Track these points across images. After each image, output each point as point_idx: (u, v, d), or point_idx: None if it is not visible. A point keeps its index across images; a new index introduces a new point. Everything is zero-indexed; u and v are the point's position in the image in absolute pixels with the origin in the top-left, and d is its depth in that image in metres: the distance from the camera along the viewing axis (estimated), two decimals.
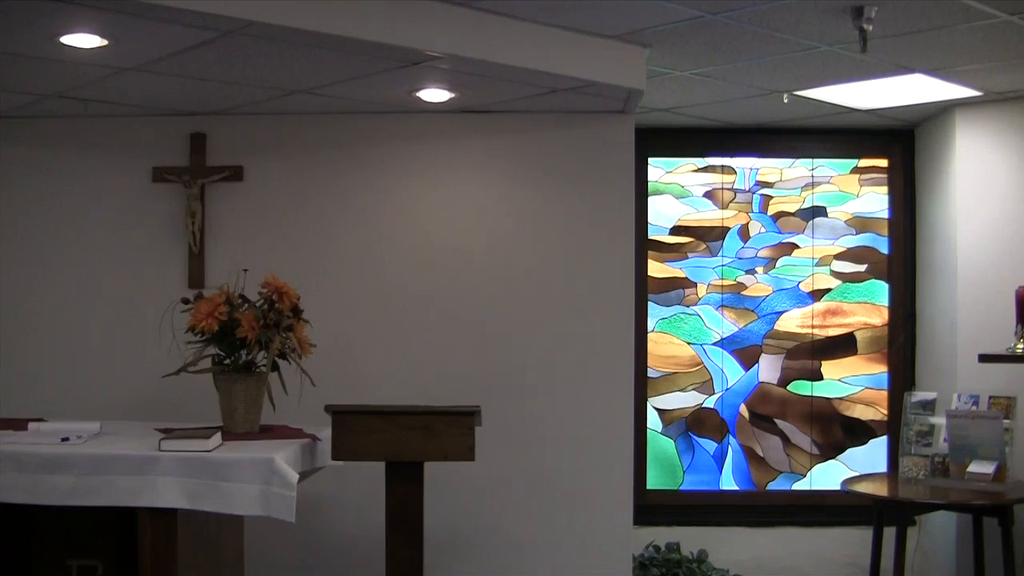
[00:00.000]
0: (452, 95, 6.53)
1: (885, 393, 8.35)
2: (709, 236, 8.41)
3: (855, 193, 8.41)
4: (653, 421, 8.35)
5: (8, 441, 5.26)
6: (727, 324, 8.38)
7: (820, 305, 8.40)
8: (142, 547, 4.92)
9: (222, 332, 5.54)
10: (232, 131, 7.05)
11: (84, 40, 5.29)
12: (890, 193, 8.38)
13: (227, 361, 5.63)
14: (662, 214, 8.40)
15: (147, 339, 5.95)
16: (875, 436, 8.37)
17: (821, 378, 8.38)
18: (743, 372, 8.37)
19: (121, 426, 5.79)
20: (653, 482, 8.33)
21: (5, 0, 4.66)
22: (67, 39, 5.27)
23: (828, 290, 8.39)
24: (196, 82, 6.21)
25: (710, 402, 8.38)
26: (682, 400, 8.40)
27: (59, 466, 5.00)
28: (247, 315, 5.52)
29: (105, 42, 5.34)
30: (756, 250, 8.40)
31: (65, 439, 5.27)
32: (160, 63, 5.76)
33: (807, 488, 8.37)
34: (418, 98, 6.56)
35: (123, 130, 7.09)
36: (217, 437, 5.20)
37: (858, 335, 8.39)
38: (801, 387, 8.38)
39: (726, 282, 8.39)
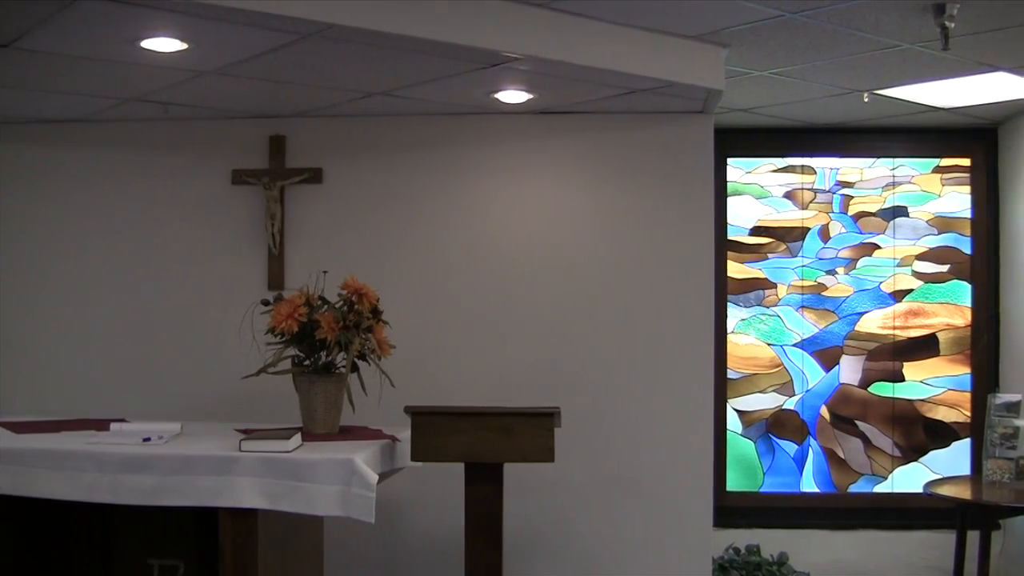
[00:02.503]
0: (530, 96, 6.52)
1: (968, 395, 8.26)
2: (789, 237, 8.35)
3: (937, 193, 8.32)
4: (733, 422, 8.31)
5: (91, 441, 5.31)
6: (807, 325, 8.32)
7: (902, 306, 8.32)
8: (222, 547, 4.95)
9: (302, 333, 5.56)
10: (311, 133, 7.08)
11: (165, 44, 5.33)
12: (972, 193, 8.29)
13: (307, 362, 5.65)
14: (741, 215, 8.36)
15: (227, 340, 5.97)
16: (958, 438, 8.28)
17: (903, 379, 8.30)
18: (823, 373, 8.31)
19: (202, 427, 5.82)
20: (733, 484, 8.29)
21: (87, 5, 4.71)
22: (148, 43, 5.31)
23: (910, 291, 8.31)
24: (275, 85, 6.24)
25: (790, 403, 8.32)
26: (762, 401, 8.35)
27: (141, 466, 5.04)
28: (327, 316, 5.53)
29: (186, 46, 5.38)
30: (837, 251, 8.33)
31: (147, 439, 5.31)
32: (240, 66, 5.79)
33: (889, 491, 8.29)
34: (496, 99, 6.56)
35: (203, 133, 7.14)
36: (297, 438, 5.22)
37: (940, 336, 8.30)
38: (882, 388, 8.30)
39: (806, 283, 8.33)
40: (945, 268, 8.30)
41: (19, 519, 5.45)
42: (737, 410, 8.33)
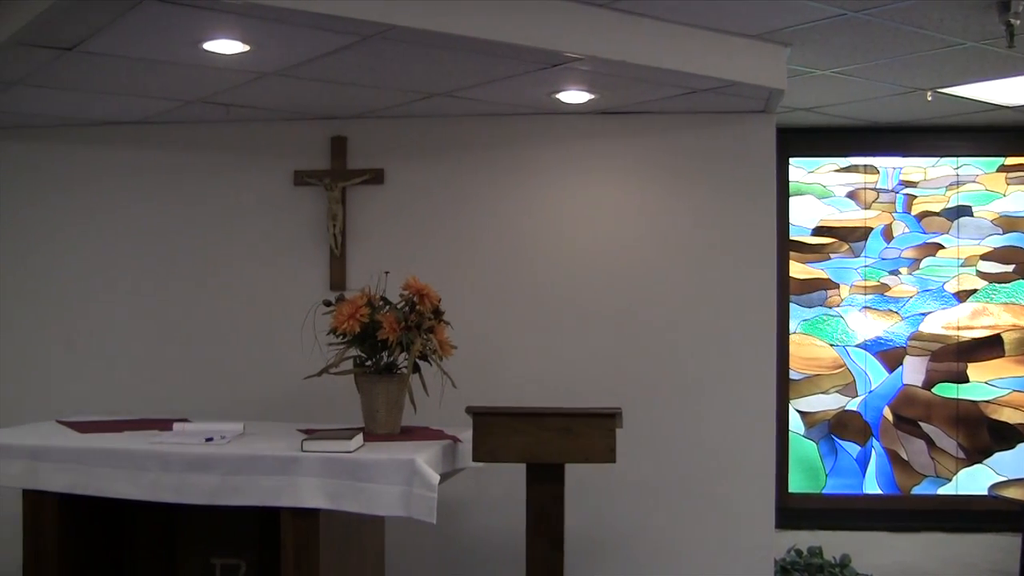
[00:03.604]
0: (592, 96, 6.51)
1: None
2: (852, 236, 8.30)
3: (1002, 192, 8.25)
4: (795, 423, 8.26)
5: (154, 441, 5.35)
6: (870, 325, 8.26)
7: (966, 306, 8.25)
8: (284, 546, 4.97)
9: (364, 334, 5.57)
10: (373, 134, 7.10)
11: (227, 46, 5.37)
12: None
13: (368, 362, 5.66)
14: (804, 215, 8.31)
15: (289, 341, 5.99)
16: (1023, 440, 8.19)
17: (967, 380, 8.23)
18: (887, 374, 8.25)
19: (264, 427, 5.86)
20: (795, 485, 8.24)
21: (150, 9, 4.74)
22: (210, 45, 5.35)
23: (974, 291, 8.24)
24: (337, 86, 6.26)
25: (853, 404, 8.26)
26: (824, 402, 8.29)
27: (204, 466, 5.07)
28: (388, 317, 5.54)
29: (247, 48, 5.40)
30: (900, 251, 8.27)
31: (209, 439, 5.34)
32: (301, 68, 5.82)
33: (953, 492, 8.22)
34: (557, 100, 6.55)
35: (265, 134, 7.18)
36: (359, 438, 5.23)
37: (1005, 337, 8.23)
38: (946, 390, 8.23)
39: (869, 283, 8.28)
40: (1010, 268, 8.22)
41: (84, 518, 5.48)
42: (799, 411, 8.28)
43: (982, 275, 8.23)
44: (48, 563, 5.29)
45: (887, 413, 8.26)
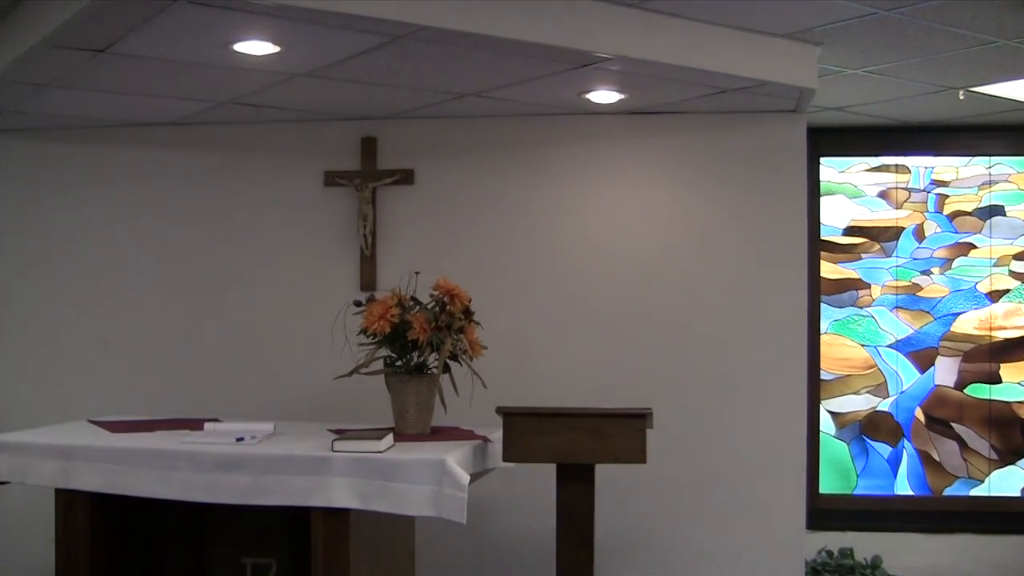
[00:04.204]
0: (622, 96, 6.51)
1: None
2: (883, 236, 8.26)
3: None
4: (826, 424, 8.23)
5: (185, 441, 5.37)
6: (902, 326, 8.22)
7: (998, 306, 8.20)
8: (315, 546, 4.98)
9: (394, 334, 5.58)
10: (403, 135, 7.12)
11: (257, 47, 5.39)
12: None
13: (399, 363, 5.67)
14: (835, 215, 8.27)
15: (320, 341, 6.00)
16: None
17: (1000, 381, 8.18)
18: (918, 375, 8.21)
19: (294, 427, 5.87)
20: (826, 486, 8.21)
21: (181, 10, 4.76)
22: (240, 47, 5.37)
23: (1007, 291, 8.19)
24: (367, 87, 6.27)
25: (884, 405, 8.23)
26: (856, 403, 8.26)
27: (235, 466, 5.08)
28: (419, 317, 5.55)
29: (277, 49, 5.42)
30: (932, 250, 8.23)
31: (240, 439, 5.36)
32: (331, 68, 5.83)
33: (985, 494, 8.17)
34: (587, 100, 6.55)
35: (295, 135, 7.20)
36: (389, 438, 5.24)
37: None
38: (979, 390, 8.19)
39: (901, 283, 8.24)
40: None
41: (116, 517, 5.51)
42: (830, 411, 8.25)
43: (1015, 275, 8.19)
44: (80, 562, 5.32)
45: (919, 414, 8.23)
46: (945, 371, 8.21)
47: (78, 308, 7.41)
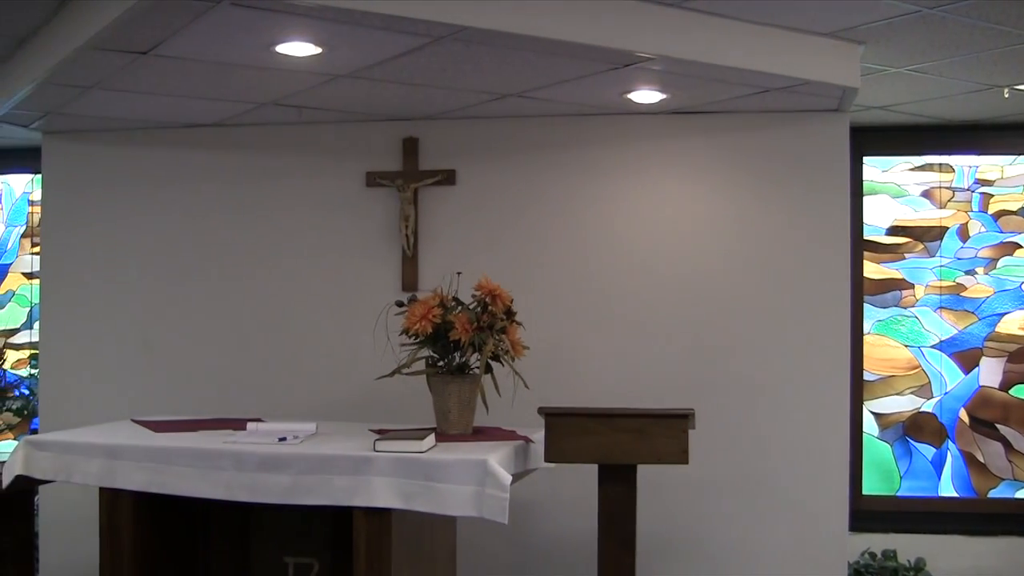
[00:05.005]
0: (663, 96, 6.50)
1: None
2: (927, 236, 8.22)
3: None
4: (869, 425, 8.19)
5: (228, 441, 5.39)
6: (946, 326, 8.18)
7: None
8: (356, 546, 4.99)
9: (436, 334, 5.59)
10: (444, 135, 7.13)
11: (299, 48, 5.41)
12: None
13: (441, 363, 5.68)
14: (878, 214, 8.23)
15: (362, 341, 6.02)
16: None
17: None
18: (963, 376, 8.16)
19: (336, 427, 5.89)
20: (869, 487, 8.17)
21: (223, 12, 4.78)
22: (283, 48, 5.39)
23: None
24: (408, 87, 6.28)
25: (928, 406, 8.18)
26: (899, 404, 8.21)
27: (277, 466, 5.10)
28: (461, 317, 5.56)
29: (319, 50, 5.44)
30: (976, 250, 8.18)
31: (282, 439, 5.38)
32: (373, 69, 5.85)
33: None
34: (629, 100, 6.54)
35: (337, 136, 7.22)
36: (431, 438, 5.25)
37: None
38: None
39: (944, 283, 8.19)
40: None
41: (160, 516, 5.54)
42: (874, 412, 8.21)
43: None
44: (124, 560, 5.35)
45: (963, 415, 8.18)
46: (990, 372, 8.15)
47: (122, 308, 7.45)
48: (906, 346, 8.21)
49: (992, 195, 8.19)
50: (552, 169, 7.10)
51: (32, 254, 8.97)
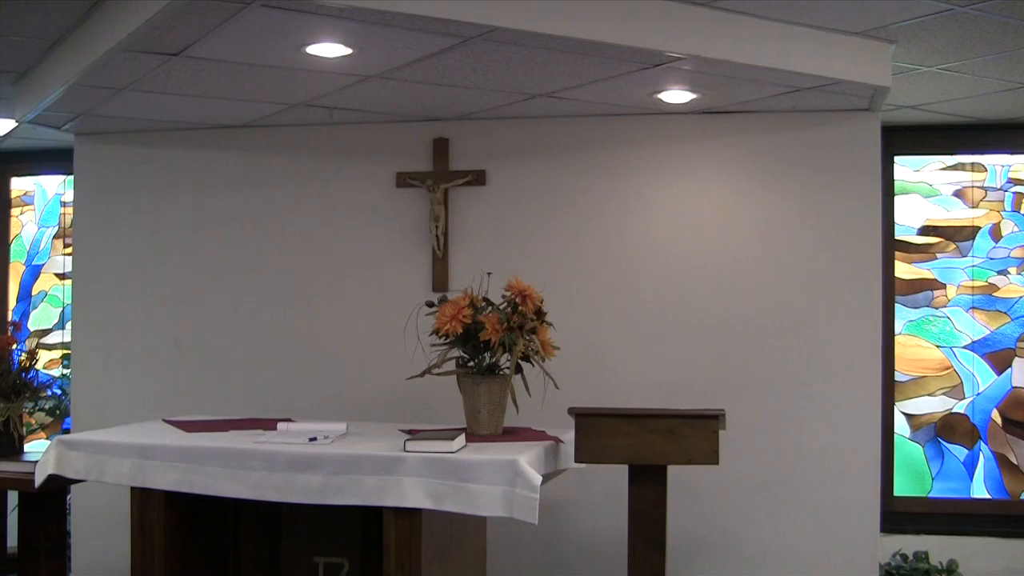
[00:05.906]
0: (694, 96, 6.49)
1: None
2: (959, 236, 8.18)
3: None
4: (901, 426, 8.15)
5: (259, 440, 5.41)
6: (978, 327, 8.14)
7: None
8: (387, 546, 5.00)
9: (466, 335, 5.59)
10: (475, 136, 7.13)
11: (329, 50, 5.42)
12: None
13: (471, 363, 5.68)
14: (909, 214, 8.19)
15: (392, 341, 6.02)
16: None
17: None
18: (995, 376, 8.12)
19: (367, 427, 5.91)
20: (900, 489, 8.13)
21: (254, 14, 4.79)
22: (313, 49, 5.40)
23: None
24: (438, 88, 6.29)
25: (960, 407, 8.14)
26: (931, 405, 8.17)
27: (308, 465, 5.11)
28: (491, 318, 5.56)
29: (349, 51, 5.45)
30: (1009, 250, 8.13)
31: (313, 439, 5.39)
32: (403, 70, 5.85)
33: None
34: (660, 100, 6.53)
35: (367, 136, 7.24)
36: (461, 438, 5.25)
37: None
38: None
39: (977, 283, 8.15)
40: None
41: (191, 516, 5.56)
42: (905, 413, 8.17)
43: None
44: (155, 559, 5.38)
45: (995, 416, 8.13)
46: (1022, 373, 8.11)
47: (154, 309, 7.49)
48: (938, 347, 8.17)
49: None
50: (582, 169, 7.10)
51: (64, 255, 9.03)
